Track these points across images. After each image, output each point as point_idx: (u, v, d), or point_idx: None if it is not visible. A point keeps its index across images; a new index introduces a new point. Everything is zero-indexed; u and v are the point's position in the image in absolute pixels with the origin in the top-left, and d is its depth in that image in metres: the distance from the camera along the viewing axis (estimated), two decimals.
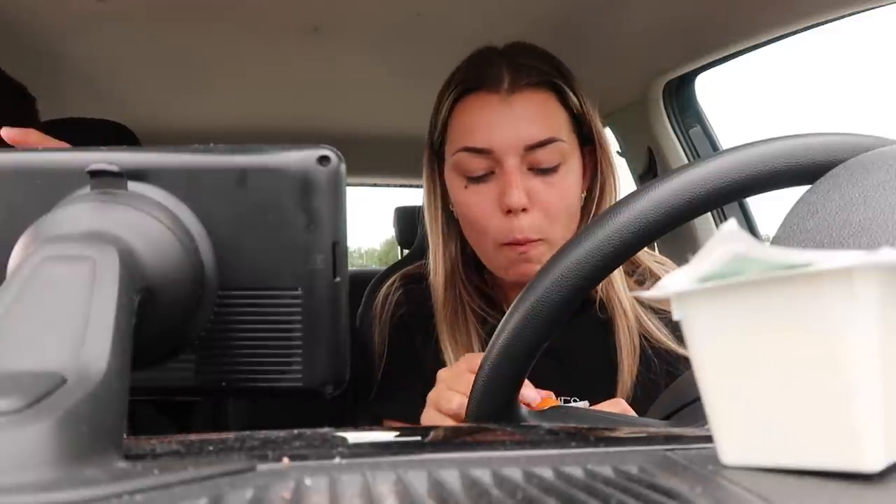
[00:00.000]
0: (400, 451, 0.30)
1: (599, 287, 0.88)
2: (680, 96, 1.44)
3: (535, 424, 0.53)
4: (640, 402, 0.80)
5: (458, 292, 0.90)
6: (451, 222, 0.91)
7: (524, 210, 0.82)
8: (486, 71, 0.85)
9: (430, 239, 0.92)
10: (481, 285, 0.93)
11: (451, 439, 0.40)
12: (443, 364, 0.88)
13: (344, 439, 0.32)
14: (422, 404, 0.74)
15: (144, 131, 1.36)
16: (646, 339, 0.88)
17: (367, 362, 0.98)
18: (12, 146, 0.49)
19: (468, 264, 0.93)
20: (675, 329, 0.87)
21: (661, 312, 0.89)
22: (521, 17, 1.16)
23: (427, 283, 0.94)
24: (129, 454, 0.25)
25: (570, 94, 0.85)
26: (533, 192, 0.82)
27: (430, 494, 0.24)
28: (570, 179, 0.85)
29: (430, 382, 0.89)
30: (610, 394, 0.86)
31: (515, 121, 0.82)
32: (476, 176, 0.84)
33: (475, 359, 0.61)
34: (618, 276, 0.89)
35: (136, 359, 0.27)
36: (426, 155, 0.93)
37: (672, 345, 0.86)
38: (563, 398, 0.88)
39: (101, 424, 0.23)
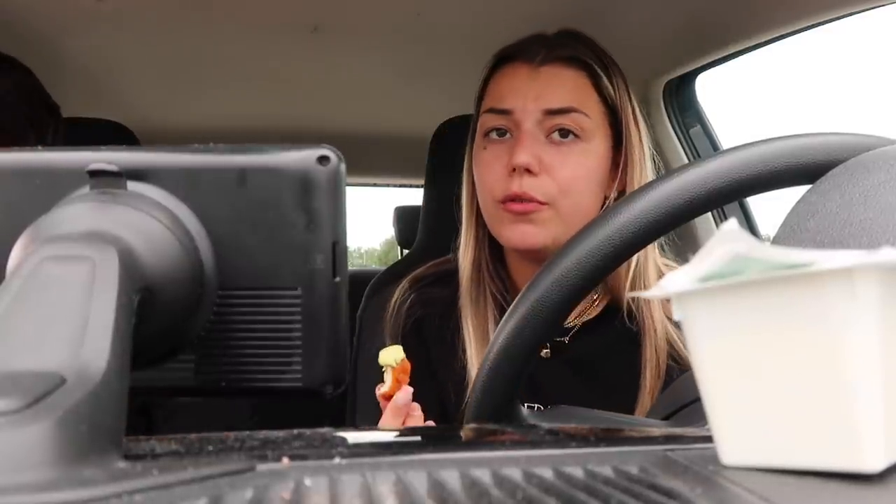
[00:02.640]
0: (400, 451, 0.30)
1: (629, 298, 0.87)
2: (680, 96, 1.44)
3: (535, 424, 0.53)
4: None
5: (482, 275, 0.91)
6: None
7: (530, 172, 0.82)
8: (525, 45, 0.88)
9: (464, 221, 0.94)
10: (504, 274, 0.93)
11: (451, 439, 0.40)
12: (462, 357, 0.87)
13: (344, 439, 0.32)
14: (434, 409, 0.74)
15: (144, 131, 1.36)
16: (674, 359, 0.86)
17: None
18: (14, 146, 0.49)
19: (495, 253, 0.93)
20: None
21: None
22: (521, 17, 1.16)
23: (440, 288, 0.93)
24: (128, 454, 0.25)
25: (605, 80, 0.86)
26: (545, 158, 0.83)
27: (430, 494, 0.24)
28: (586, 161, 0.85)
29: (446, 385, 0.88)
30: (629, 410, 0.84)
31: (539, 88, 0.84)
32: (495, 136, 0.86)
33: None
34: None
35: (135, 359, 0.26)
36: (469, 137, 0.94)
37: None
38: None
39: (100, 424, 0.23)
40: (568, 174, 0.83)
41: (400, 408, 0.67)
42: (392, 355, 0.68)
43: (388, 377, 0.68)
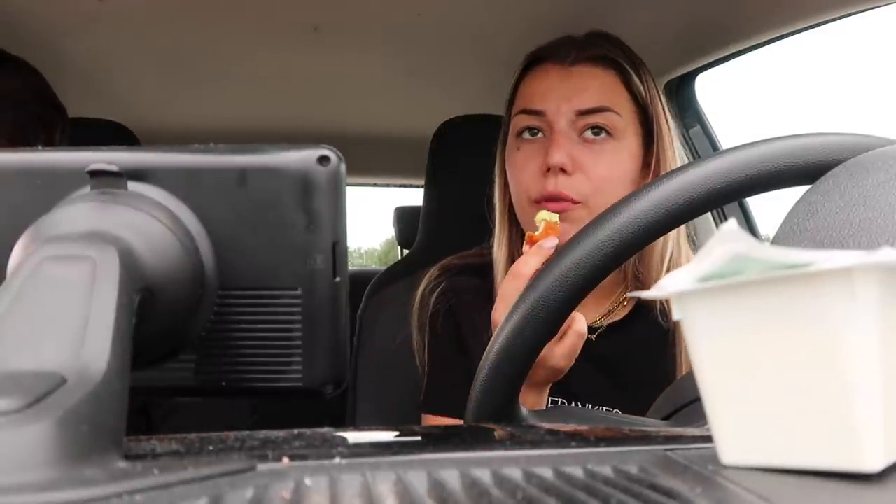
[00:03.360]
0: (400, 451, 0.30)
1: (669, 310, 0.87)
2: (680, 96, 1.44)
3: (535, 424, 0.53)
4: None
5: None
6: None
7: (564, 171, 0.83)
8: (557, 46, 0.90)
9: (497, 219, 0.95)
10: None
11: (451, 439, 0.40)
12: None
13: (344, 439, 0.32)
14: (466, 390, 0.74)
15: (144, 131, 1.36)
16: None
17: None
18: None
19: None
20: None
21: None
22: (521, 18, 1.16)
23: (471, 277, 0.94)
24: (129, 454, 0.25)
25: (635, 79, 0.87)
26: (578, 158, 0.84)
27: (430, 494, 0.24)
28: (621, 156, 0.86)
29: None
30: None
31: (571, 88, 0.86)
32: (528, 137, 0.88)
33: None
34: None
35: (136, 359, 0.26)
36: (500, 138, 0.95)
37: None
38: (602, 408, 0.87)
39: (101, 424, 0.23)
40: (602, 173, 0.84)
41: (544, 249, 0.73)
42: (548, 215, 0.77)
43: (541, 227, 0.76)
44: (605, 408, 0.87)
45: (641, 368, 0.88)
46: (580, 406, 0.88)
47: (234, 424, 0.37)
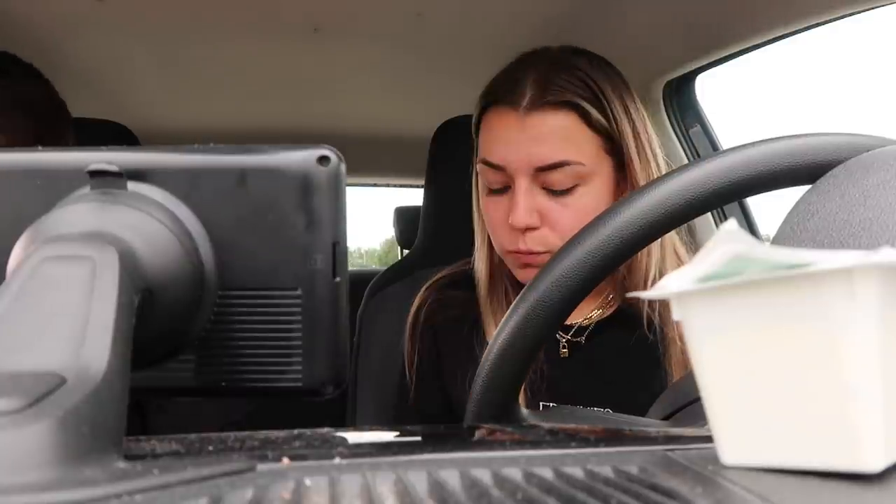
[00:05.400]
0: (400, 451, 0.30)
1: (656, 307, 0.86)
2: (680, 96, 1.44)
3: (535, 424, 0.53)
4: None
5: (500, 282, 0.92)
6: None
7: (532, 228, 0.82)
8: (512, 85, 0.84)
9: (476, 232, 0.93)
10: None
11: (451, 439, 0.40)
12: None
13: (344, 439, 0.32)
14: (439, 407, 0.73)
15: (144, 131, 1.36)
16: None
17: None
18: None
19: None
20: None
21: None
22: (521, 18, 1.16)
23: (460, 290, 0.94)
24: (129, 454, 0.25)
25: (597, 115, 0.82)
26: (544, 211, 0.82)
27: (430, 495, 0.24)
28: (588, 200, 0.83)
29: (464, 384, 0.88)
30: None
31: (528, 141, 0.81)
32: (495, 190, 0.85)
33: None
34: None
35: (136, 359, 0.26)
36: (475, 158, 0.92)
37: None
38: (592, 408, 0.87)
39: (101, 424, 0.23)
40: (569, 224, 0.81)
41: None
42: None
43: None
44: (594, 408, 0.87)
45: (629, 367, 0.88)
46: (570, 407, 0.88)
47: (230, 420, 0.37)
